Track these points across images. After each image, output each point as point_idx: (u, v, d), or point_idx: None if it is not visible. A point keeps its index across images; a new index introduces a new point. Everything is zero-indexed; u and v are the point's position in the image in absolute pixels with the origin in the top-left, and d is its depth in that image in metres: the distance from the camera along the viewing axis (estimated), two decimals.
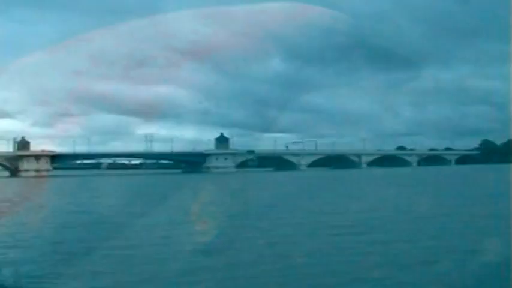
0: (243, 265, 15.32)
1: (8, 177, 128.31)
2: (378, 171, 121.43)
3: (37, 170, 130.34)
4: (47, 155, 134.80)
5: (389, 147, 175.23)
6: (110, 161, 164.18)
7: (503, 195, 23.28)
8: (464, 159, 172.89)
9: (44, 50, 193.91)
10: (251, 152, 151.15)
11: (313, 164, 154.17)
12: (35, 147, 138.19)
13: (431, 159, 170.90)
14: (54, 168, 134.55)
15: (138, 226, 23.67)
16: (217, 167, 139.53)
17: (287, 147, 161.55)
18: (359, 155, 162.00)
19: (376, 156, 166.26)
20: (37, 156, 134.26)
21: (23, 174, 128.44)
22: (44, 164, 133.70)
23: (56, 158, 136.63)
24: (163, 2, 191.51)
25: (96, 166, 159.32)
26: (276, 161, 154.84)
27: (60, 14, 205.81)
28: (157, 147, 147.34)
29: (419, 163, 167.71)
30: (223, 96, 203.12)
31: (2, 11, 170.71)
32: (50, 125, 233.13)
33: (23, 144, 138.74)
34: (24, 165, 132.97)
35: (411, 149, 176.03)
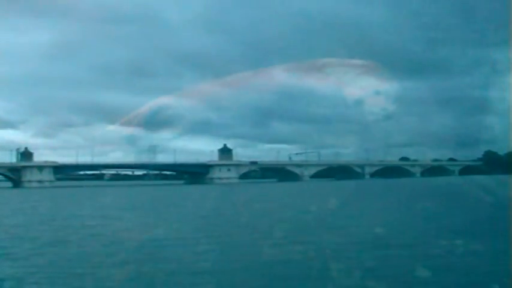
0: None
1: (10, 188, 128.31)
2: (382, 182, 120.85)
3: (40, 181, 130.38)
4: (50, 166, 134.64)
5: (392, 158, 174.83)
6: (113, 171, 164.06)
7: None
8: (467, 169, 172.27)
9: (43, 59, 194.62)
10: (254, 163, 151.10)
11: (316, 175, 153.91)
12: (38, 157, 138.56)
13: (435, 170, 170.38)
14: (57, 179, 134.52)
15: None
16: (220, 178, 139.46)
17: (290, 158, 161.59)
18: (362, 166, 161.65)
19: (379, 167, 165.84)
20: (40, 167, 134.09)
21: (26, 185, 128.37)
22: (47, 175, 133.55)
23: (58, 169, 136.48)
24: (164, 11, 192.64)
25: (99, 177, 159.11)
26: (279, 172, 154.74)
27: (57, 22, 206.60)
28: (160, 158, 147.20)
29: (422, 174, 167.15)
30: (226, 107, 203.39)
31: None
32: (52, 136, 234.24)
33: (26, 155, 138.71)
34: (27, 176, 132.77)
35: (414, 160, 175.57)
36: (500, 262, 14.64)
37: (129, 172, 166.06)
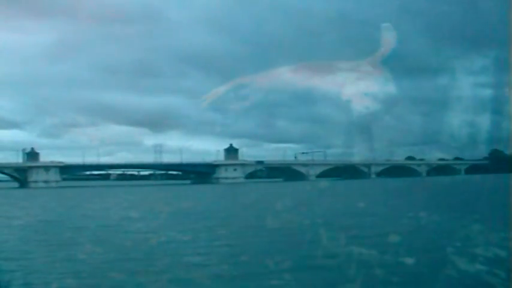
0: None
1: (17, 188, 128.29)
2: (390, 182, 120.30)
3: (46, 181, 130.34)
4: (56, 166, 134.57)
5: (398, 158, 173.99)
6: (119, 172, 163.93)
7: None
8: (473, 169, 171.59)
9: (48, 59, 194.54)
10: (260, 162, 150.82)
11: (322, 175, 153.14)
12: (44, 158, 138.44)
13: (441, 169, 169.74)
14: (64, 179, 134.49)
15: None
16: (226, 178, 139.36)
17: (296, 157, 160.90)
18: (368, 165, 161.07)
19: (385, 167, 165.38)
20: (46, 167, 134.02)
21: (32, 185, 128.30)
22: (53, 175, 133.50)
23: (65, 169, 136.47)
24: (169, 11, 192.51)
25: (106, 177, 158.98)
26: (285, 172, 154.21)
27: (61, 23, 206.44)
28: (167, 158, 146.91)
29: (428, 173, 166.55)
30: (231, 107, 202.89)
31: (2, 20, 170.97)
32: (57, 136, 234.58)
33: (32, 155, 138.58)
34: (33, 176, 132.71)
35: (420, 159, 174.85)
36: None
37: (135, 172, 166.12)
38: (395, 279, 14.08)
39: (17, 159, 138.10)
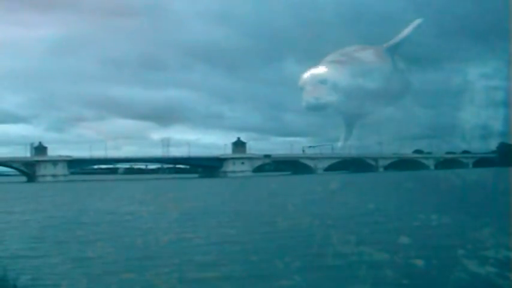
0: None
1: (25, 182, 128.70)
2: (398, 175, 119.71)
3: (54, 175, 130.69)
4: (64, 160, 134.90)
5: (406, 151, 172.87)
6: (126, 165, 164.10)
7: None
8: (481, 162, 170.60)
9: (54, 53, 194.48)
10: (268, 156, 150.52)
11: (329, 168, 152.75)
12: (52, 152, 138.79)
13: (449, 162, 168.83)
14: (71, 173, 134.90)
15: None
16: (234, 172, 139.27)
17: (303, 150, 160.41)
18: (376, 159, 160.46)
19: (392, 160, 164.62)
20: (54, 162, 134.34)
21: (40, 179, 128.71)
22: (61, 169, 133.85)
23: (73, 163, 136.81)
24: (174, 3, 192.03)
25: (113, 171, 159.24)
26: (293, 165, 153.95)
27: (66, 17, 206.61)
28: (174, 152, 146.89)
29: (436, 167, 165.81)
30: (238, 100, 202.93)
31: (5, 14, 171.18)
32: (64, 130, 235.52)
33: (40, 149, 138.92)
34: (41, 170, 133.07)
35: (428, 153, 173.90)
36: None
37: (142, 166, 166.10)
38: (405, 281, 14.11)
39: (25, 153, 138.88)
